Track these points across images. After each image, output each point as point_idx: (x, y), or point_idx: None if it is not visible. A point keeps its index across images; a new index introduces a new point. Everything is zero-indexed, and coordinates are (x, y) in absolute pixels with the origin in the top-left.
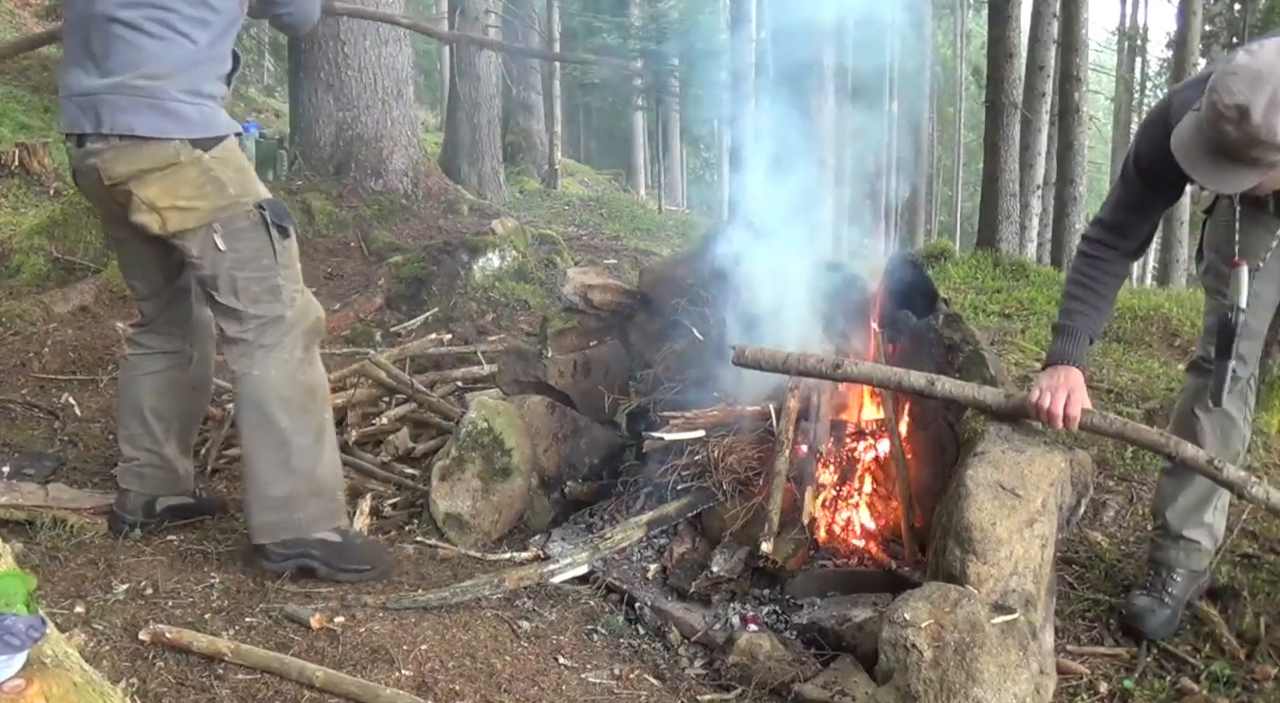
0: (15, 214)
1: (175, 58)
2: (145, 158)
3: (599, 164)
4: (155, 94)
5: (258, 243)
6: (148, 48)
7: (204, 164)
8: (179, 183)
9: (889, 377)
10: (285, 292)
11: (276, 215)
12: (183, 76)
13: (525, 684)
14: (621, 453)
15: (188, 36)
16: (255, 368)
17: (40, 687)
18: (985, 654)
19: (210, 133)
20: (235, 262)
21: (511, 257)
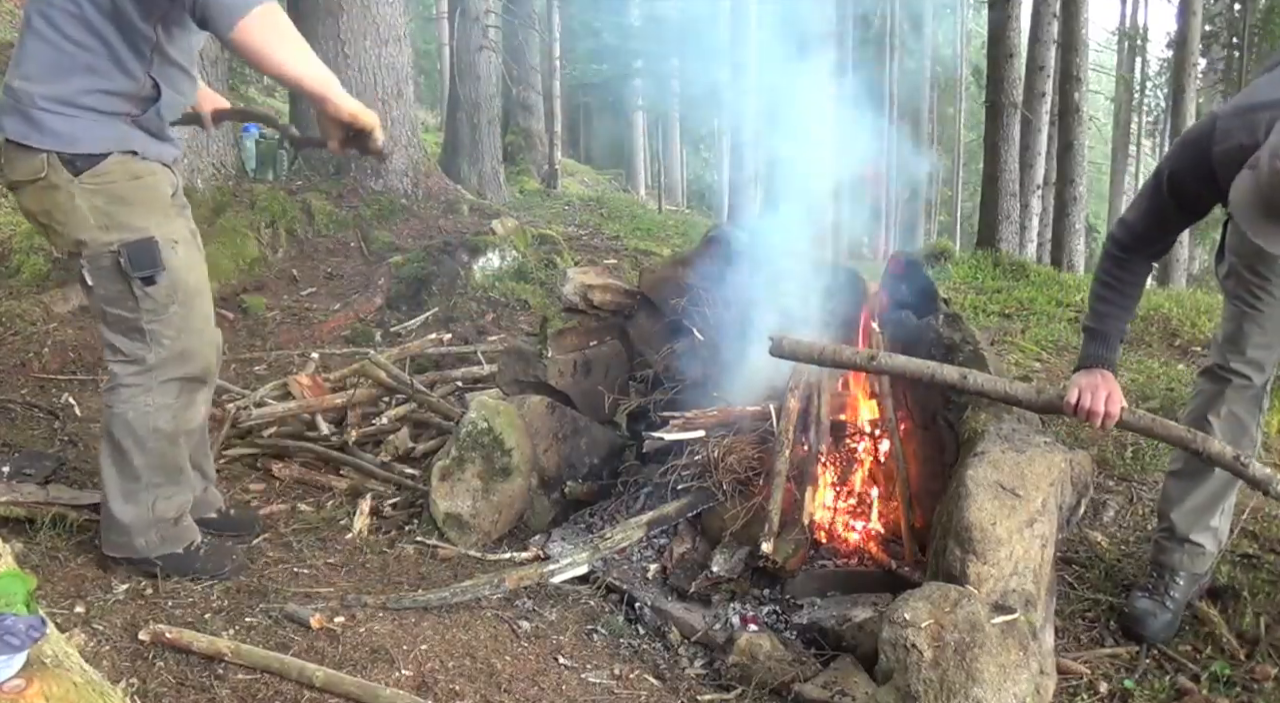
0: (15, 214)
1: (46, 59)
2: (18, 168)
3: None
4: (20, 97)
5: (119, 286)
6: (28, 47)
7: (70, 189)
8: (48, 204)
9: (923, 370)
10: (154, 336)
11: (136, 265)
12: (53, 82)
13: (525, 684)
14: (621, 453)
15: (70, 39)
16: (117, 405)
17: (40, 687)
18: (985, 654)
19: (80, 149)
20: (103, 297)
21: (511, 257)
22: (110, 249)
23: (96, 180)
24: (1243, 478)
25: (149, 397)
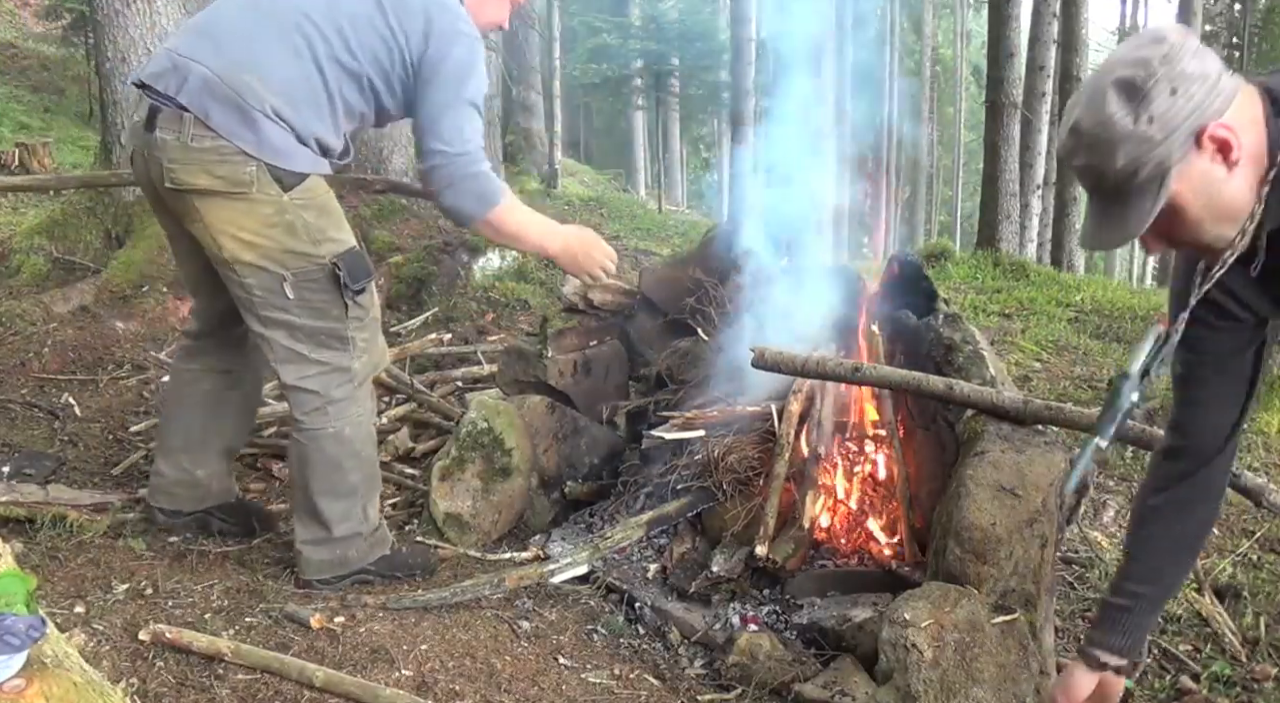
0: (15, 214)
1: (293, 79)
2: (215, 173)
3: (599, 164)
4: (246, 95)
5: (328, 296)
6: (276, 56)
7: (281, 204)
8: (246, 215)
9: (907, 380)
10: (355, 343)
11: (354, 277)
12: (289, 101)
13: (525, 684)
14: (621, 453)
15: (324, 77)
16: (331, 425)
17: (40, 687)
18: (985, 654)
19: (290, 166)
20: (305, 311)
21: (511, 257)
22: (321, 262)
23: (306, 195)
24: (1234, 488)
25: (359, 405)
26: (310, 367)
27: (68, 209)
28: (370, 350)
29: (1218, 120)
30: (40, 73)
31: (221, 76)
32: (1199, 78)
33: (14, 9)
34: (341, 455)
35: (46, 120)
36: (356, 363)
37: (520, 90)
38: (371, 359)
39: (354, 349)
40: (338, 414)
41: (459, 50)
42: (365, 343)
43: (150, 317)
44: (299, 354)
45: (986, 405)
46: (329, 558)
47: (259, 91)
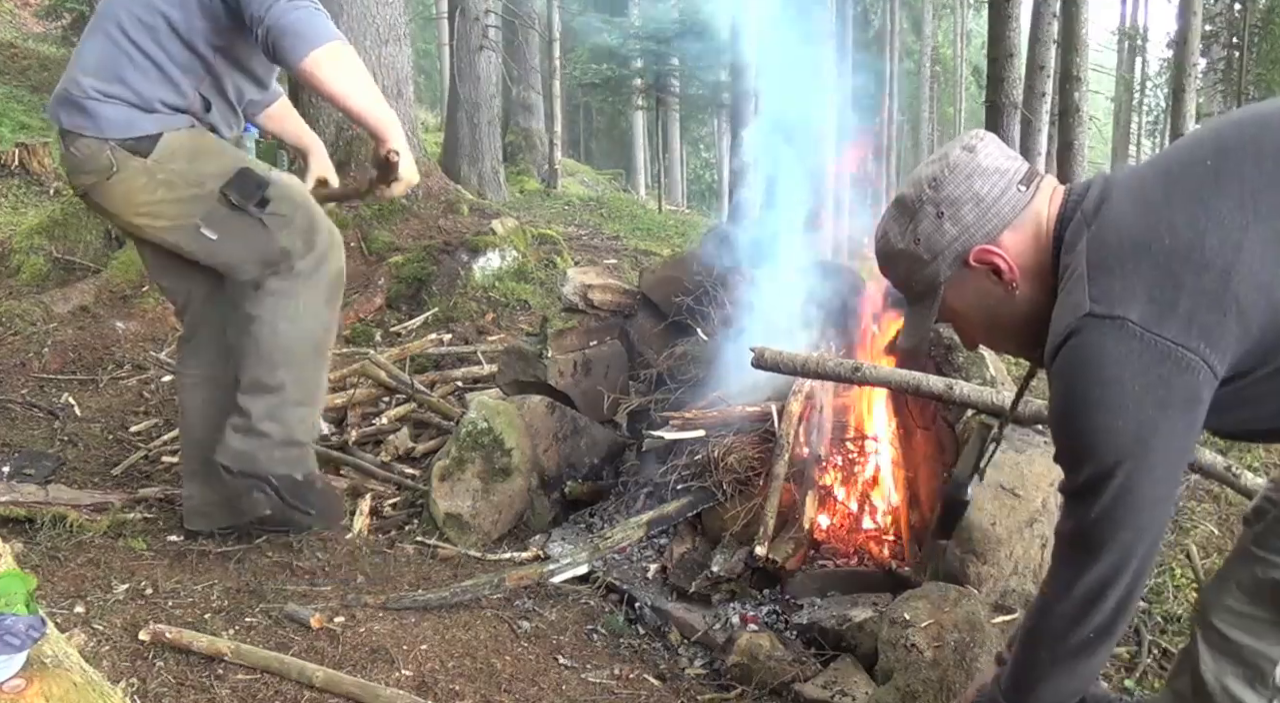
0: (15, 214)
1: (106, 56)
2: (86, 166)
3: (599, 164)
4: (72, 89)
5: (241, 221)
6: (91, 44)
7: (148, 168)
8: (130, 192)
9: (907, 380)
10: (293, 249)
11: (243, 195)
12: (107, 77)
13: (525, 684)
14: (621, 453)
15: (129, 38)
16: (265, 313)
17: (40, 687)
18: (985, 654)
19: (135, 132)
20: (231, 243)
21: (511, 257)
22: (214, 197)
23: (168, 151)
24: (1234, 488)
25: (298, 301)
26: (265, 285)
27: (68, 209)
28: (313, 250)
29: (986, 244)
30: (40, 73)
31: (62, 85)
32: (970, 200)
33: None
34: (271, 349)
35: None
36: (300, 263)
37: (520, 90)
38: (318, 257)
39: (293, 253)
40: (273, 307)
41: None
42: (304, 243)
43: (150, 317)
44: (255, 281)
45: (986, 405)
46: (241, 448)
47: (81, 81)
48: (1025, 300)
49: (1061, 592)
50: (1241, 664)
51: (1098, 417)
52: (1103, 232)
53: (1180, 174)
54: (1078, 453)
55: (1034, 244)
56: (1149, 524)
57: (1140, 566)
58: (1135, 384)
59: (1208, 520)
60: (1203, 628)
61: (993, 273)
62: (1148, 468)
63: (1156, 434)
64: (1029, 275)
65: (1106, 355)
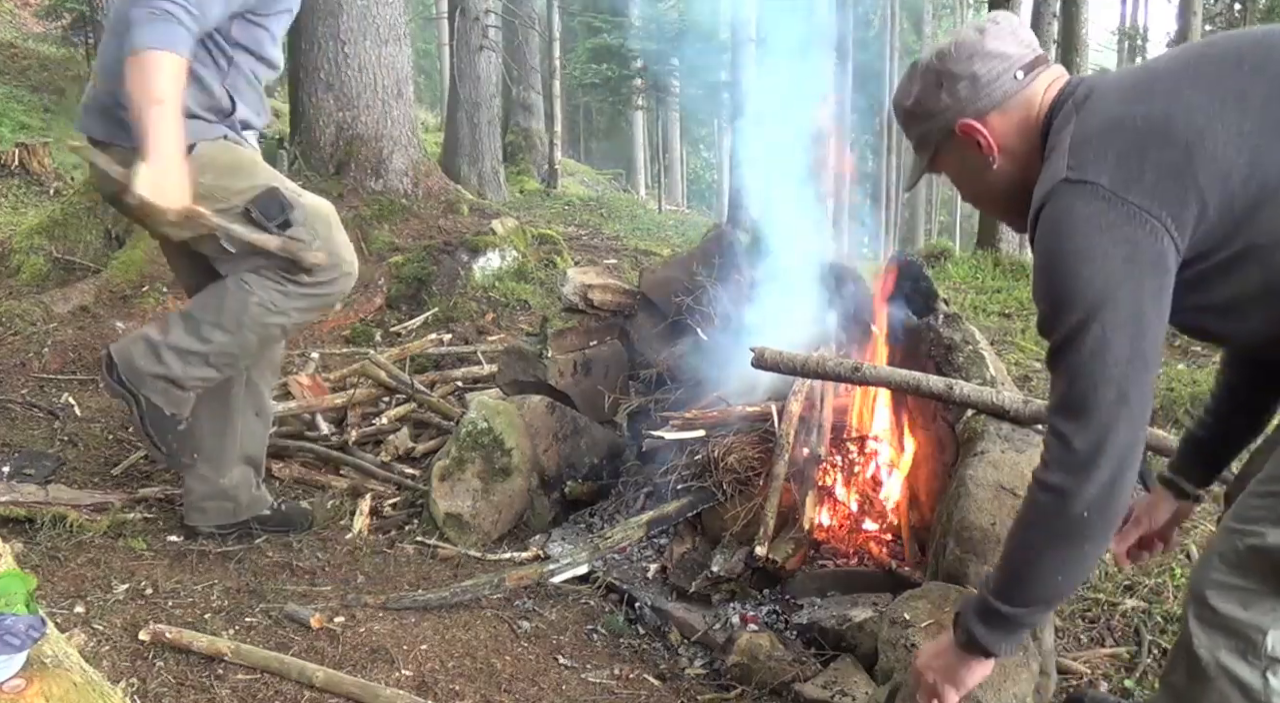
0: (15, 214)
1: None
2: (119, 176)
3: (599, 164)
4: (103, 99)
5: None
6: (112, 50)
7: None
8: None
9: (907, 380)
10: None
11: (266, 214)
12: None
13: (525, 684)
14: (621, 453)
15: None
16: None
17: (40, 687)
18: None
19: None
20: (251, 255)
21: (511, 257)
22: (238, 212)
23: (196, 164)
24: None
25: (287, 302)
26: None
27: (68, 209)
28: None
29: (974, 120)
30: (40, 73)
31: (92, 95)
32: (967, 78)
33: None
34: (233, 315)
35: (46, 120)
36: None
37: (520, 90)
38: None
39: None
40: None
41: None
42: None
43: (150, 317)
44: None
45: (986, 405)
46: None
47: (110, 89)
48: (1004, 175)
49: (1052, 467)
50: (1233, 637)
51: (1070, 269)
52: (1086, 117)
53: (1163, 71)
54: (1054, 307)
55: (1020, 127)
56: (1129, 387)
57: (1129, 435)
58: (1104, 240)
59: (1208, 521)
60: (1195, 605)
61: (975, 146)
62: (1118, 323)
63: (1124, 288)
64: (1010, 155)
65: (1077, 215)
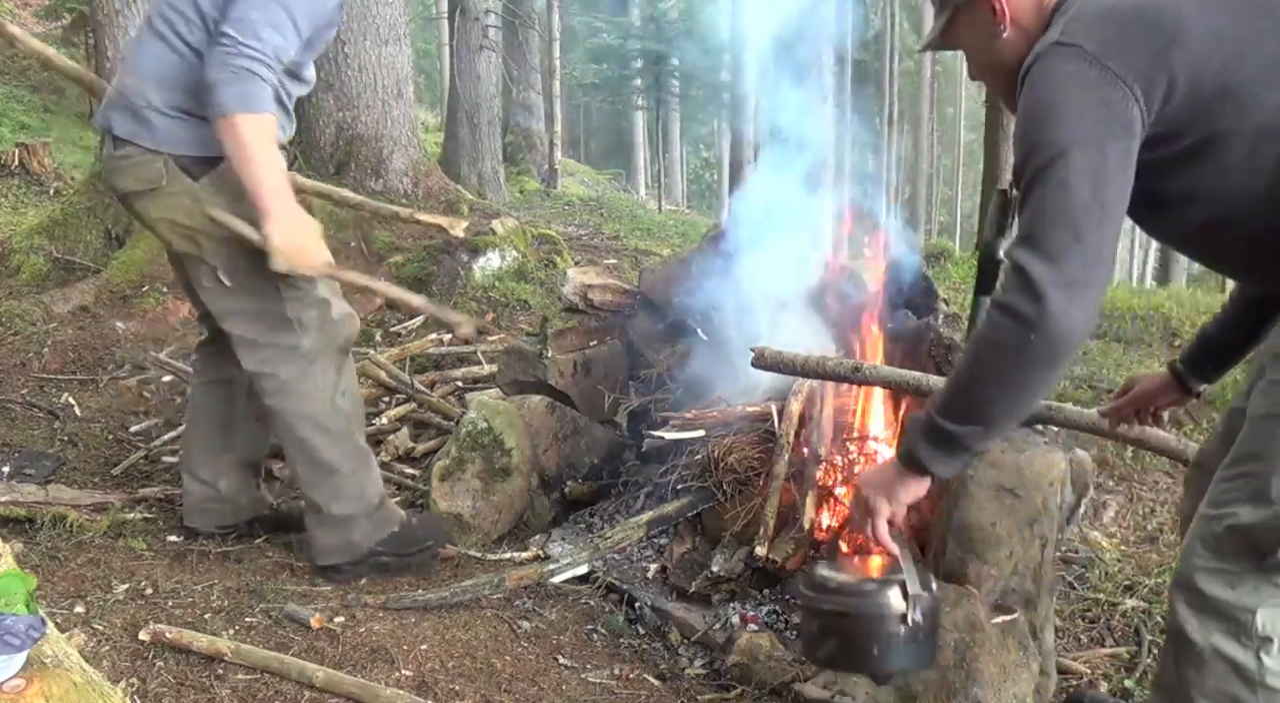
0: (15, 214)
1: (165, 64)
2: (133, 175)
3: (599, 164)
4: (132, 96)
5: (259, 278)
6: (148, 49)
7: (193, 192)
8: (169, 209)
9: (907, 380)
10: (299, 322)
11: None
12: (169, 87)
13: (525, 684)
14: (621, 453)
15: (187, 44)
16: (290, 403)
17: (40, 687)
18: (985, 654)
19: (194, 152)
20: (241, 296)
21: (511, 257)
22: (241, 248)
23: (217, 182)
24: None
25: (313, 381)
26: (264, 350)
27: (68, 209)
28: (322, 327)
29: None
30: (40, 73)
31: (118, 88)
32: None
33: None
34: (308, 434)
35: (46, 120)
36: (305, 341)
37: (520, 90)
38: (326, 335)
39: (300, 328)
40: (295, 393)
41: None
42: (315, 321)
43: (150, 317)
44: (251, 340)
45: None
46: (335, 542)
47: (141, 89)
48: (1010, 48)
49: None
50: (1224, 620)
51: (1047, 116)
52: (1087, 2)
53: None
54: (1027, 150)
55: (1035, 5)
56: (1085, 230)
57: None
58: (1082, 96)
59: None
60: (1184, 593)
61: (990, 11)
62: (1083, 170)
63: (1092, 140)
64: (1020, 29)
65: (1060, 71)
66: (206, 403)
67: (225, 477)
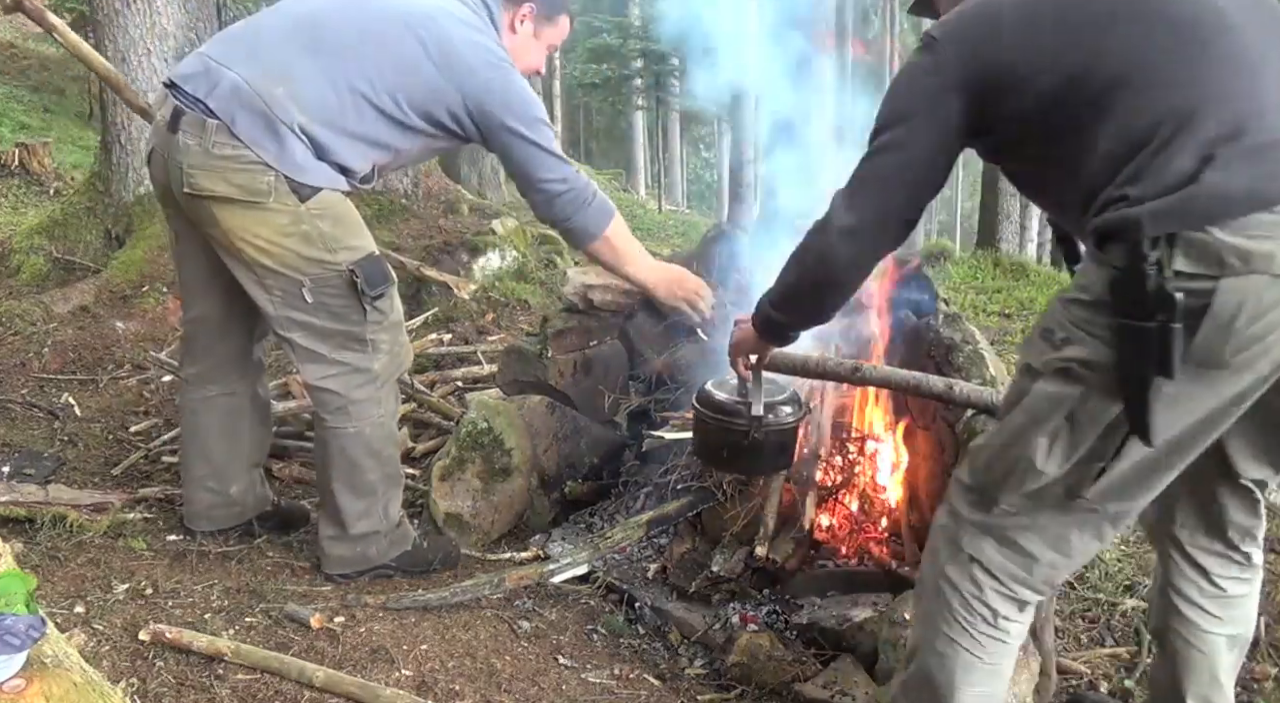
0: (15, 214)
1: (322, 98)
2: (232, 181)
3: (599, 164)
4: (275, 108)
5: (346, 301)
6: (317, 79)
7: (297, 213)
8: (262, 223)
9: (907, 380)
10: (376, 345)
11: (371, 283)
12: (316, 117)
13: (525, 684)
14: (621, 453)
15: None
16: (351, 425)
17: (40, 687)
18: None
19: (307, 179)
20: (320, 313)
21: (511, 257)
22: (338, 268)
23: (321, 206)
24: None
25: (382, 407)
26: (331, 367)
27: (68, 209)
28: (393, 351)
29: None
30: (40, 73)
31: (252, 84)
32: None
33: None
34: (361, 455)
35: (46, 120)
36: (377, 364)
37: None
38: (395, 360)
39: (374, 351)
40: (359, 414)
41: (513, 83)
42: (386, 345)
43: (150, 317)
44: (319, 355)
45: (986, 405)
46: (348, 555)
47: (287, 105)
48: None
49: (822, 217)
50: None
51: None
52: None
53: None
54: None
55: None
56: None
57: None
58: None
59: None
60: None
61: None
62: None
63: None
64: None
65: (913, 53)
66: (210, 418)
67: (235, 482)
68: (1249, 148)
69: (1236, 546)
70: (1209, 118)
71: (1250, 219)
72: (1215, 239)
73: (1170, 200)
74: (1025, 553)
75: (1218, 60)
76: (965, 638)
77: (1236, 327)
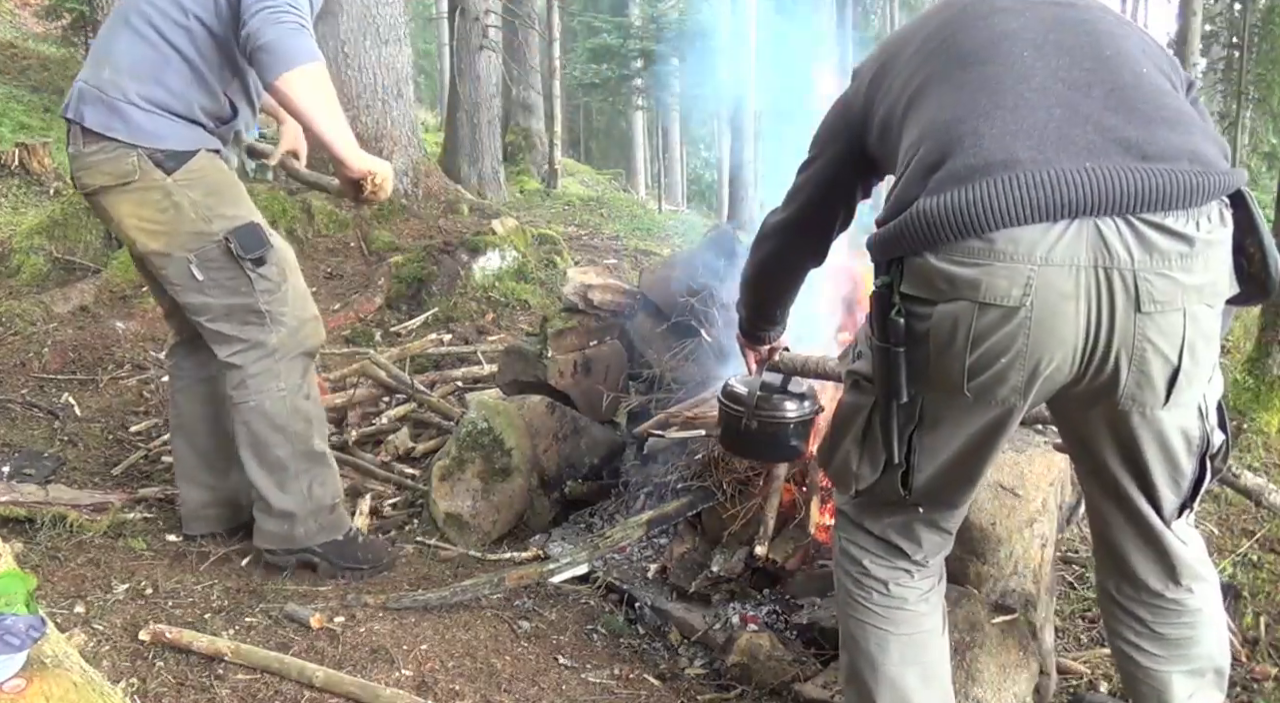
0: (15, 214)
1: (144, 59)
2: (104, 171)
3: (599, 164)
4: (107, 89)
5: (231, 272)
6: (123, 43)
7: (166, 187)
8: (141, 204)
9: None
10: (273, 316)
11: (246, 248)
12: (148, 81)
13: (525, 684)
14: (621, 453)
15: (167, 40)
16: (251, 398)
17: (40, 687)
18: (985, 654)
19: (168, 146)
20: (215, 289)
21: (511, 257)
22: (215, 239)
23: (190, 176)
24: (1234, 488)
25: (279, 381)
26: (235, 344)
27: (68, 209)
28: (293, 327)
29: None
30: (40, 73)
31: (88, 80)
32: None
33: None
34: (264, 429)
35: (46, 120)
36: (273, 337)
37: (520, 90)
38: (294, 336)
39: (273, 323)
40: (256, 388)
41: None
42: (286, 316)
43: (150, 317)
44: (222, 333)
45: None
46: (275, 530)
47: (115, 81)
48: None
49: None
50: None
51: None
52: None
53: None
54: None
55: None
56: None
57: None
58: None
59: (1208, 520)
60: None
61: None
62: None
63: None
64: None
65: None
66: (192, 406)
67: (226, 473)
68: (954, 171)
69: (1161, 594)
70: (930, 141)
71: (962, 245)
72: (929, 264)
73: (892, 226)
74: (885, 537)
75: (968, 86)
76: (868, 614)
77: (954, 350)
